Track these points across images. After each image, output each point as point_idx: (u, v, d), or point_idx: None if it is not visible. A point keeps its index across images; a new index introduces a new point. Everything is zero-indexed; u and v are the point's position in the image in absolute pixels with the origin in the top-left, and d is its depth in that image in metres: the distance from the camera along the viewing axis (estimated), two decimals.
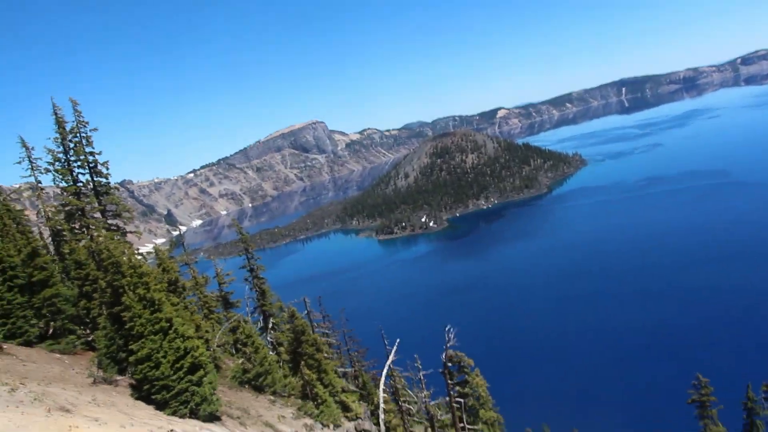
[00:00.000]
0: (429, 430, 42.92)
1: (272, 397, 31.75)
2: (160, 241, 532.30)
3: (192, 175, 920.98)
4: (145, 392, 23.85)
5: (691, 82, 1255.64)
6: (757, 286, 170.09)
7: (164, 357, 23.83)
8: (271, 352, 36.71)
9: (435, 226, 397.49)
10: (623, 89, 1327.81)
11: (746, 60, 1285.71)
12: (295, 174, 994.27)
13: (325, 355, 36.08)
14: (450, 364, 38.44)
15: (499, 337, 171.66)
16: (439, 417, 45.46)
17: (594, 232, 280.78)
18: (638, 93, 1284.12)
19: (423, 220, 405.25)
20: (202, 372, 24.98)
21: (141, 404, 23.47)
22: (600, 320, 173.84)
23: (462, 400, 39.20)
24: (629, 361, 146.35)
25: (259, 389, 32.62)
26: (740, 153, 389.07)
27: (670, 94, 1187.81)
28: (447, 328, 37.00)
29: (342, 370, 48.25)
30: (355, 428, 32.18)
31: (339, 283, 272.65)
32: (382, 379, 32.88)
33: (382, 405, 31.74)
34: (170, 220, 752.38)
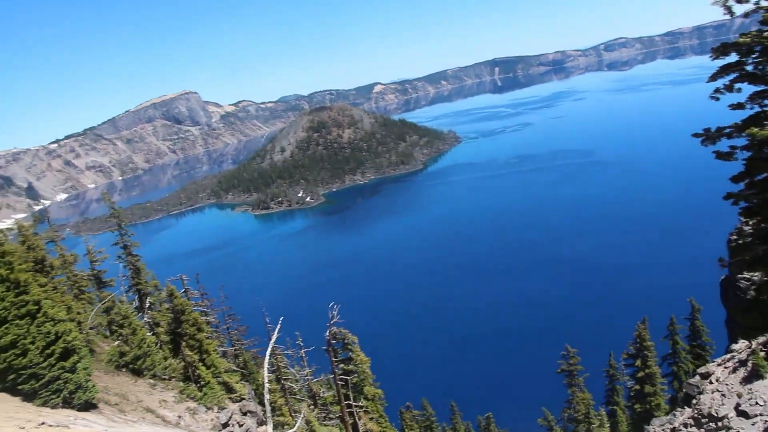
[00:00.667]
0: (312, 407, 42.43)
1: (152, 381, 30.03)
2: (20, 216, 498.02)
3: (55, 145, 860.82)
4: (9, 383, 21.61)
5: (559, 65, 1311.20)
6: (617, 259, 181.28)
7: (32, 343, 21.60)
8: (149, 334, 34.71)
9: (312, 201, 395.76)
10: (496, 69, 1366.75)
11: (608, 47, 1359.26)
12: (168, 146, 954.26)
13: (207, 334, 34.56)
14: (334, 342, 37.95)
15: (377, 312, 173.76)
16: (321, 394, 45.06)
17: (467, 209, 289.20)
18: (510, 73, 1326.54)
19: (300, 195, 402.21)
20: (75, 357, 22.94)
21: (5, 396, 21.27)
22: (473, 294, 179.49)
23: (347, 377, 38.92)
24: (502, 333, 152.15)
25: (137, 373, 30.78)
26: (603, 134, 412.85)
27: (540, 75, 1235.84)
28: (330, 305, 36.46)
29: (222, 349, 46.73)
30: (240, 410, 31.10)
31: (216, 260, 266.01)
32: (267, 358, 31.85)
33: (267, 385, 30.71)
34: (31, 194, 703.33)
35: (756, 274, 58.11)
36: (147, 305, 39.77)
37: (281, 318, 31.73)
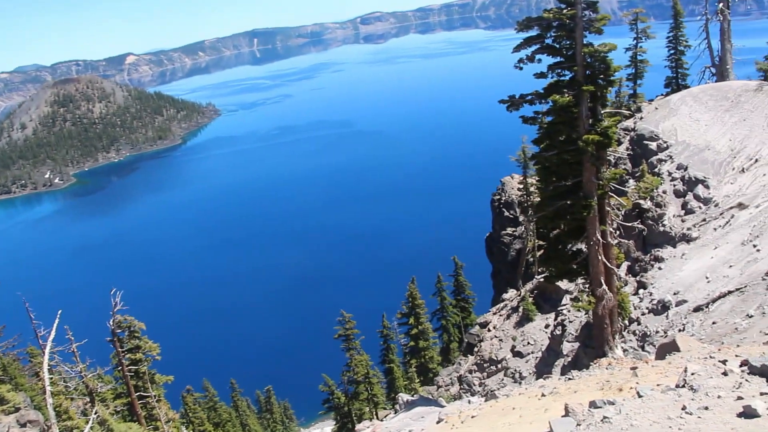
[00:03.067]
0: (89, 404, 39.73)
1: None
2: None
3: None
4: None
5: (317, 37, 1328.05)
6: (383, 225, 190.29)
7: None
8: None
9: (61, 182, 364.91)
10: (255, 40, 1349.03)
11: (365, 20, 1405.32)
12: None
13: None
14: (119, 330, 35.71)
15: (144, 295, 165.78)
16: (99, 390, 42.27)
17: (228, 183, 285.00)
18: (269, 44, 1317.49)
19: (47, 176, 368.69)
20: None
21: None
22: (241, 268, 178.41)
23: (135, 367, 36.94)
24: (277, 305, 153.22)
25: None
26: (361, 105, 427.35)
27: (299, 47, 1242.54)
28: (112, 292, 34.18)
29: None
30: (18, 421, 28.11)
31: None
32: (45, 358, 29.14)
33: (49, 389, 28.15)
34: None
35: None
36: None
37: (59, 311, 29.14)
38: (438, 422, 21.24)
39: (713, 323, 27.01)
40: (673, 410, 9.20)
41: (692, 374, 11.06)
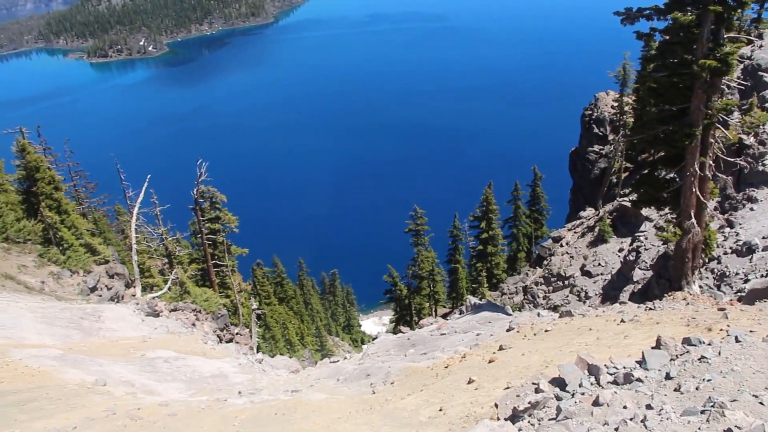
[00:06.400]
0: (167, 265, 41.83)
1: (5, 245, 27.70)
2: None
3: None
4: None
5: None
6: (461, 124, 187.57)
7: None
8: None
9: (154, 50, 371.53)
10: None
11: None
12: None
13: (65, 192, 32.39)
14: (201, 200, 36.99)
15: (225, 168, 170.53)
16: (177, 253, 44.34)
17: (314, 66, 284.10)
18: None
19: (141, 43, 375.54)
20: None
21: None
22: (321, 154, 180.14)
23: (213, 236, 38.43)
24: (352, 193, 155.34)
25: None
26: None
27: None
28: (198, 162, 35.21)
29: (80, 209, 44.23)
30: (107, 272, 29.94)
31: (47, 110, 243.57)
32: (133, 218, 30.63)
33: (135, 247, 29.74)
34: None
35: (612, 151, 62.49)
36: None
37: (149, 175, 30.28)
38: (508, 330, 21.40)
39: None
40: None
41: None
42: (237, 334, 35.28)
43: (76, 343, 20.22)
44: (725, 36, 23.02)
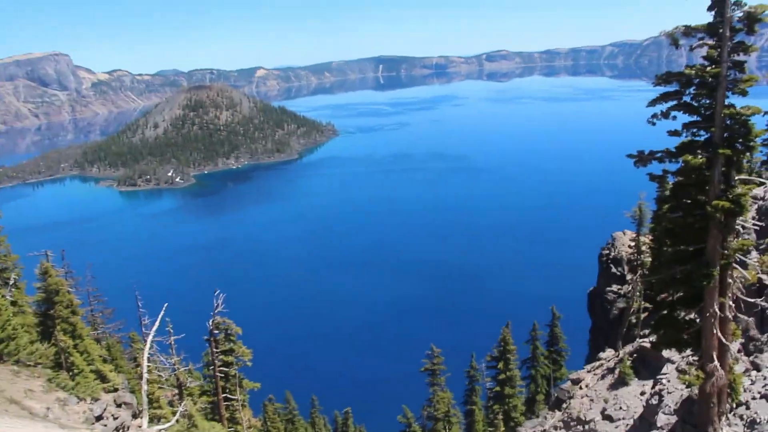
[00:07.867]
0: (177, 396, 40.92)
1: (15, 368, 27.32)
2: None
3: None
4: None
5: (441, 69, 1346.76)
6: (485, 264, 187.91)
7: None
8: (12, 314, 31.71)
9: (181, 181, 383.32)
10: (380, 66, 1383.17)
11: (490, 57, 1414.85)
12: (30, 109, 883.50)
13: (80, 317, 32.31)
14: (216, 331, 36.67)
15: (241, 299, 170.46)
16: (188, 384, 43.42)
17: (339, 202, 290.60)
18: (394, 72, 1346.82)
19: (170, 174, 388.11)
20: None
21: None
22: (340, 288, 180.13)
23: (226, 369, 37.77)
24: (368, 329, 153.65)
25: None
26: (478, 141, 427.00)
27: (422, 77, 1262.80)
28: (216, 293, 35.22)
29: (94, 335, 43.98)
30: (115, 401, 29.23)
31: (74, 235, 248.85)
32: (147, 347, 30.28)
33: (146, 375, 29.19)
34: None
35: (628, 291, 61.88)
36: (12, 282, 36.53)
37: (165, 304, 30.16)
38: None
39: None
40: None
41: None
42: None
43: None
44: (736, 178, 23.33)
